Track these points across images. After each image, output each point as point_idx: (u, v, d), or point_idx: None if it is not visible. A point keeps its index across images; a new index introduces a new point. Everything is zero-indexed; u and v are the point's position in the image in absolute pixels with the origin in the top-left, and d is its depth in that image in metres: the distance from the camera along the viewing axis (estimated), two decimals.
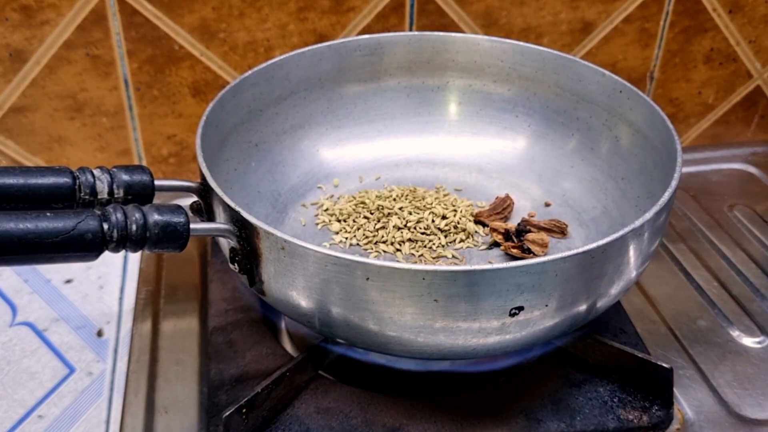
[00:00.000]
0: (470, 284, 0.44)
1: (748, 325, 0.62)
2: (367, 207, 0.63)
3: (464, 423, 0.52)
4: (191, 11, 0.69)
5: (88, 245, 0.43)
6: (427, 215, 0.62)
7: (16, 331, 0.61)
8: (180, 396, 0.55)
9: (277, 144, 0.66)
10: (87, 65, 0.69)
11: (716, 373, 0.58)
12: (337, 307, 0.46)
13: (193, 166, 0.77)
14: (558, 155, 0.67)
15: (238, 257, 0.49)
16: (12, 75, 0.69)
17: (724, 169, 0.82)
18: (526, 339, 0.48)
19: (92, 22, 0.68)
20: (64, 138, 0.73)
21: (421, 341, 0.46)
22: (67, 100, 0.71)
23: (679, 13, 0.77)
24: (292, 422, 0.51)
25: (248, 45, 0.71)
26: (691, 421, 0.54)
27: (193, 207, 0.54)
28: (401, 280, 0.44)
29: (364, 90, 0.69)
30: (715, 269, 0.68)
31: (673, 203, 0.51)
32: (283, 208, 0.65)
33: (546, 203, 0.66)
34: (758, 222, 0.73)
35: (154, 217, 0.45)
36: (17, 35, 0.67)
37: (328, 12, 0.71)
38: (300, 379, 0.53)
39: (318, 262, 0.45)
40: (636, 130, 0.61)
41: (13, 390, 0.56)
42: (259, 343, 0.57)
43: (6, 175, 0.47)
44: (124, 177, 0.50)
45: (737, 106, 0.84)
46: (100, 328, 0.61)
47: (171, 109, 0.73)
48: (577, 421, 0.52)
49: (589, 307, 0.48)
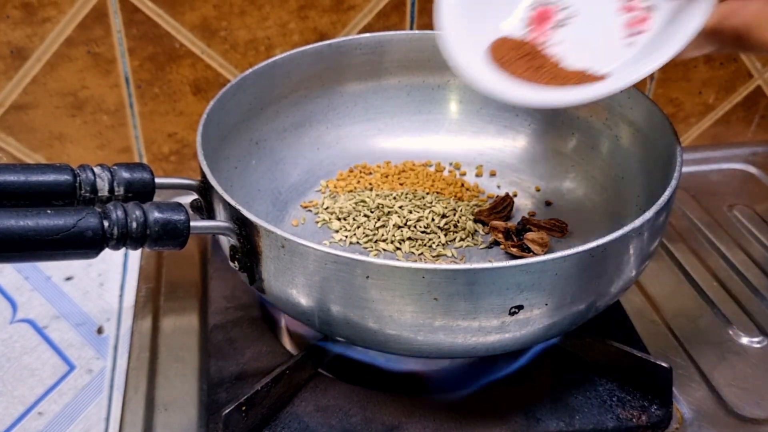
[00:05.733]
0: (470, 283, 0.44)
1: (748, 325, 0.62)
2: (367, 205, 0.63)
3: (464, 422, 0.52)
4: (192, 9, 0.69)
5: (88, 242, 0.43)
6: (427, 214, 0.62)
7: (17, 328, 0.61)
8: (180, 393, 0.55)
9: (278, 142, 0.66)
10: (88, 63, 0.69)
11: (715, 373, 0.58)
12: (336, 305, 0.47)
13: (193, 164, 0.77)
14: (558, 154, 0.67)
15: (238, 255, 0.49)
16: (13, 72, 0.69)
17: (724, 169, 0.82)
18: (526, 338, 0.48)
19: (93, 19, 0.68)
20: (65, 135, 0.73)
21: (420, 340, 0.47)
22: (68, 98, 0.71)
23: None
24: (292, 420, 0.51)
25: (249, 43, 0.71)
26: (690, 421, 0.54)
27: (194, 205, 0.55)
28: (401, 279, 0.44)
29: (365, 88, 0.69)
30: (714, 269, 0.68)
31: (673, 203, 0.51)
32: (283, 206, 0.65)
33: (546, 202, 0.66)
34: (758, 222, 0.73)
35: (155, 215, 0.45)
36: (18, 32, 0.67)
37: (329, 10, 0.71)
38: (299, 377, 0.53)
39: (318, 261, 0.45)
40: (636, 130, 0.61)
41: (13, 387, 0.56)
42: (258, 340, 0.58)
43: (7, 172, 0.47)
44: (125, 174, 0.50)
45: (738, 106, 0.84)
46: (101, 326, 0.61)
47: (172, 107, 0.73)
48: (576, 420, 0.52)
49: (588, 306, 0.48)
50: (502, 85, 0.50)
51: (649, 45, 0.49)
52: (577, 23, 0.53)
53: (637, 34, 0.51)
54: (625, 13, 0.52)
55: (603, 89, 0.47)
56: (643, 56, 0.49)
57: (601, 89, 0.48)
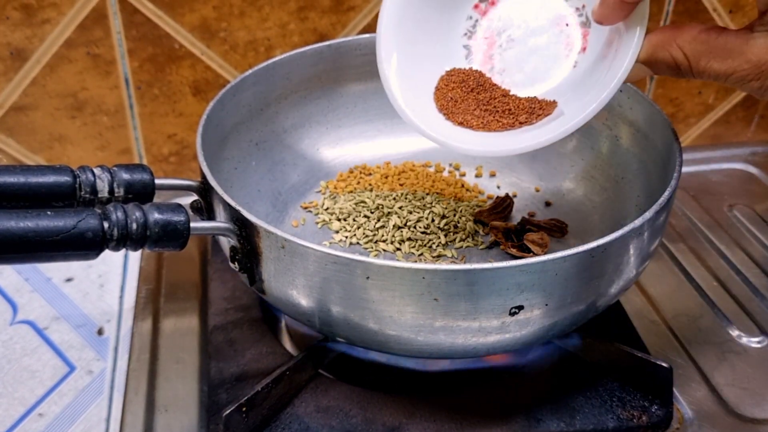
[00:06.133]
0: (470, 283, 0.44)
1: (748, 325, 0.62)
2: (367, 206, 0.63)
3: (464, 422, 0.52)
4: (192, 10, 0.69)
5: (88, 244, 0.43)
6: (427, 214, 0.62)
7: (17, 329, 0.61)
8: (180, 394, 0.55)
9: (278, 143, 0.66)
10: (88, 64, 0.69)
11: (716, 373, 0.58)
12: (337, 305, 0.47)
13: (193, 165, 0.77)
14: (558, 155, 0.67)
15: (238, 256, 0.49)
16: (13, 74, 0.69)
17: (724, 168, 0.82)
18: (526, 338, 0.48)
19: (93, 20, 0.68)
20: (65, 137, 0.73)
21: (421, 340, 0.47)
22: (68, 99, 0.71)
23: (680, 13, 0.77)
24: (292, 421, 0.51)
25: (249, 44, 0.71)
26: (690, 421, 0.54)
27: (194, 206, 0.55)
28: (401, 279, 0.44)
29: (365, 89, 0.69)
30: (714, 269, 0.68)
31: (672, 203, 0.51)
32: (283, 207, 0.65)
33: (546, 202, 0.66)
34: (758, 222, 0.73)
35: (155, 216, 0.45)
36: (18, 34, 0.67)
37: (329, 11, 0.71)
38: (300, 378, 0.53)
39: (318, 261, 0.45)
40: (636, 130, 0.61)
41: (14, 388, 0.56)
42: (259, 341, 0.58)
43: (7, 173, 0.47)
44: (125, 176, 0.50)
45: (737, 106, 0.84)
46: (101, 327, 0.61)
47: (171, 108, 0.73)
48: (577, 420, 0.52)
49: (588, 306, 0.48)
50: (448, 133, 0.52)
51: (590, 77, 0.50)
52: (518, 46, 0.54)
53: (579, 52, 0.52)
54: (563, 31, 0.52)
55: (550, 135, 0.48)
56: (585, 88, 0.50)
57: (549, 135, 0.49)
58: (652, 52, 0.46)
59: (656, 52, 0.45)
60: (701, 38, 0.44)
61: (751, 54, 0.43)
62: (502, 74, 0.54)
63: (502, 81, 0.54)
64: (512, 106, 0.52)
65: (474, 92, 0.53)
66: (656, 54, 0.45)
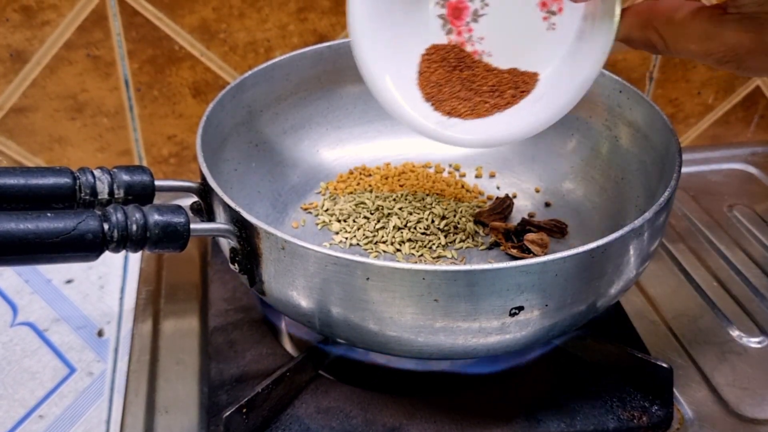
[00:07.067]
0: (470, 284, 0.44)
1: (748, 325, 0.62)
2: (367, 207, 0.63)
3: (464, 423, 0.52)
4: (192, 12, 0.69)
5: (88, 245, 0.43)
6: (427, 215, 0.62)
7: (17, 331, 0.61)
8: (180, 396, 0.55)
9: (278, 144, 0.66)
10: (87, 66, 0.69)
11: (716, 373, 0.58)
12: (337, 307, 0.47)
13: (193, 166, 0.77)
14: (558, 155, 0.67)
15: (238, 257, 0.49)
16: (13, 75, 0.69)
17: (724, 169, 0.82)
18: (526, 339, 0.48)
19: (93, 22, 0.68)
20: (65, 138, 0.73)
21: (421, 341, 0.47)
22: (68, 101, 0.71)
23: None
24: (293, 422, 0.51)
25: (248, 45, 0.71)
26: (690, 421, 0.54)
27: (194, 207, 0.55)
28: (401, 280, 0.44)
29: (365, 90, 0.68)
30: (714, 269, 0.68)
31: (672, 203, 0.51)
32: (283, 208, 0.65)
33: (546, 203, 0.66)
34: (758, 222, 0.73)
35: (155, 218, 0.45)
36: (18, 36, 0.67)
37: (328, 12, 0.71)
38: (300, 379, 0.53)
39: (318, 262, 0.45)
40: (636, 130, 0.61)
41: (14, 390, 0.56)
42: (259, 343, 0.58)
43: (7, 175, 0.47)
44: (125, 177, 0.50)
45: (737, 107, 0.84)
46: (101, 328, 0.61)
47: (171, 110, 0.73)
48: (577, 420, 0.52)
49: (588, 306, 0.48)
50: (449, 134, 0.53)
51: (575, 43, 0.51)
52: (492, 11, 0.53)
53: (553, 14, 0.52)
54: None
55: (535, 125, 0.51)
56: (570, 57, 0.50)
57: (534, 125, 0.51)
58: (627, 33, 0.46)
59: (632, 33, 0.46)
60: (677, 21, 0.44)
61: (727, 37, 0.43)
62: (482, 42, 0.54)
63: (483, 50, 0.54)
64: (495, 82, 0.52)
65: (457, 70, 0.53)
66: (632, 35, 0.46)
